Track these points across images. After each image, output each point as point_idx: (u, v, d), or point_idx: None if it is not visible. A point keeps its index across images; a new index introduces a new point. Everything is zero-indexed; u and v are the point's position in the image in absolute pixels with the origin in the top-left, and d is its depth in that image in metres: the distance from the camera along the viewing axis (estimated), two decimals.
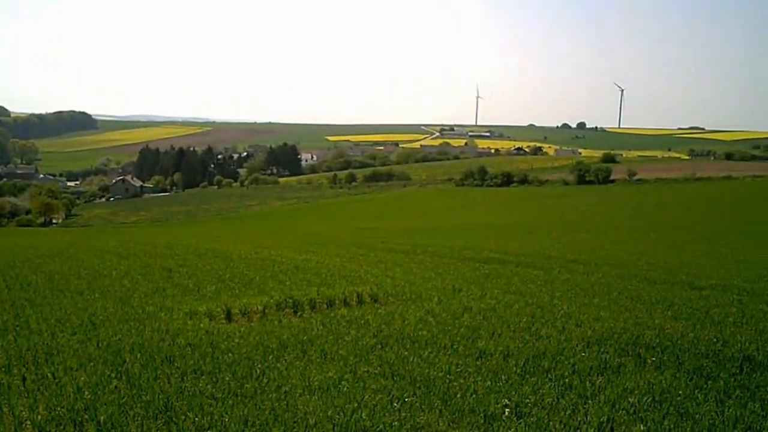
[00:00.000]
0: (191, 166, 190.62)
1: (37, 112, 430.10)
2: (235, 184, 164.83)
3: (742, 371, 6.49)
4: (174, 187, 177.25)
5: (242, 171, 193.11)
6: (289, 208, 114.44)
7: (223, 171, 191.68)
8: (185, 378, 6.54)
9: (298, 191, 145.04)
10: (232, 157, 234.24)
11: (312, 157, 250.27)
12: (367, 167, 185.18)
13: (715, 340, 7.69)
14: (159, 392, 6.08)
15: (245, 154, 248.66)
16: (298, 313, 9.90)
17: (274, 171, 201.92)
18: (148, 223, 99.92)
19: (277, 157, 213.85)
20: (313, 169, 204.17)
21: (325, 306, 10.39)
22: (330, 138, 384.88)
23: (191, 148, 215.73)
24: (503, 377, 6.40)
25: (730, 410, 5.38)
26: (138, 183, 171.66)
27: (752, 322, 8.88)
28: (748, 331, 8.25)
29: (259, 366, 6.89)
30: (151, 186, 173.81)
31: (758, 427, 5.07)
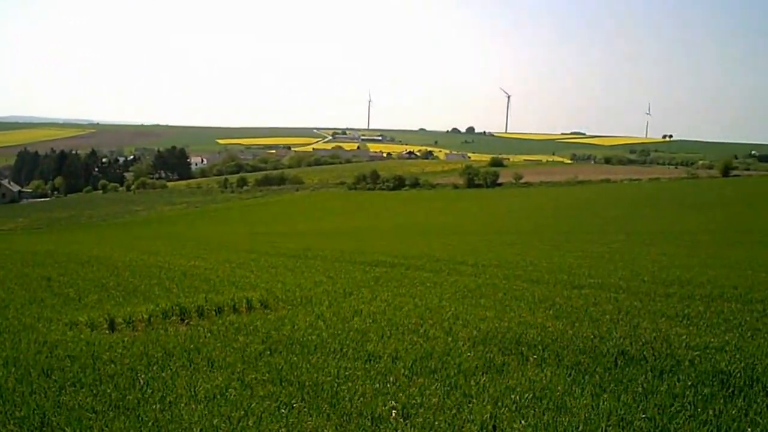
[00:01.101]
0: (74, 169, 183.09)
1: None
2: (121, 189, 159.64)
3: (616, 365, 6.81)
4: (55, 192, 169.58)
5: (129, 175, 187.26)
6: (178, 213, 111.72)
7: (108, 175, 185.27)
8: (63, 391, 6.27)
9: (188, 196, 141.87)
10: (118, 160, 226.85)
11: (202, 161, 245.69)
12: (259, 171, 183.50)
13: (592, 336, 8.04)
14: (35, 407, 5.80)
15: (131, 157, 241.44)
16: (185, 321, 9.67)
17: (163, 175, 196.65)
18: (27, 230, 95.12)
19: (166, 161, 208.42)
20: (203, 173, 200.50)
21: (213, 313, 10.18)
22: (220, 141, 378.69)
23: (73, 151, 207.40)
24: (391, 379, 6.47)
25: (605, 403, 5.64)
26: (16, 187, 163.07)
27: (627, 318, 9.33)
28: (623, 327, 8.66)
29: (143, 376, 6.68)
30: (30, 191, 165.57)
31: (630, 418, 5.33)
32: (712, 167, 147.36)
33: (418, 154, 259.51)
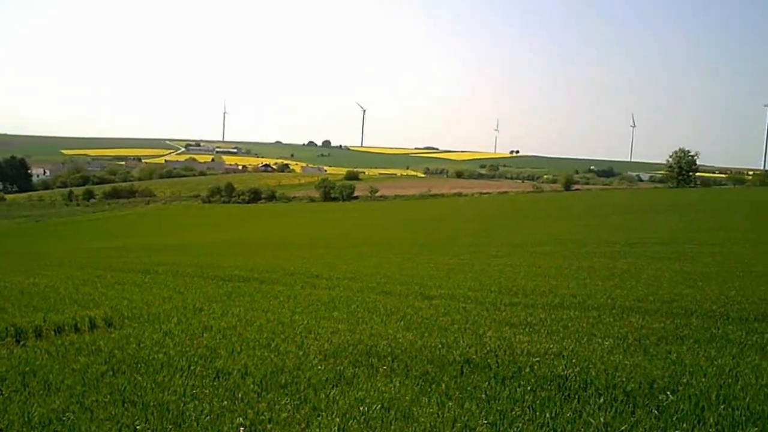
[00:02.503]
0: None
1: None
2: None
3: (462, 373, 7.01)
4: None
5: None
6: (17, 227, 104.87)
7: None
8: None
9: (29, 209, 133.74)
10: None
11: (45, 172, 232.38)
12: (108, 183, 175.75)
13: (440, 345, 8.24)
14: None
15: None
16: (21, 342, 9.09)
17: (0, 187, 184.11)
18: None
19: (4, 172, 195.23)
20: (46, 185, 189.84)
21: (52, 333, 9.65)
22: (65, 151, 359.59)
23: None
24: (240, 396, 6.36)
25: (450, 411, 5.80)
26: None
27: (474, 327, 9.64)
28: (470, 335, 8.94)
29: None
30: None
31: (473, 425, 5.50)
32: (555, 181, 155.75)
33: (274, 167, 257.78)
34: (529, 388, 6.43)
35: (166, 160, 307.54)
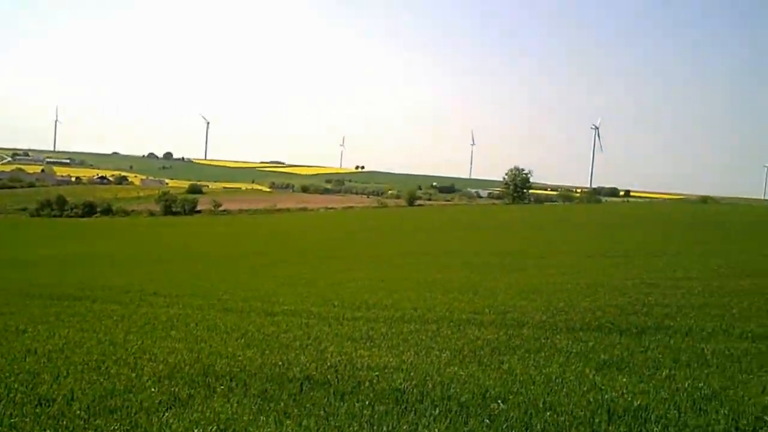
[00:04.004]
0: None
1: None
2: None
3: (302, 390, 6.95)
4: None
5: None
6: None
7: None
8: None
9: None
10: None
11: None
12: None
13: (280, 363, 8.14)
14: None
15: None
16: None
17: None
18: None
19: None
20: None
21: None
22: None
23: None
24: (65, 423, 5.98)
25: (288, 429, 5.73)
26: None
27: (315, 343, 9.61)
28: (311, 352, 8.90)
29: None
30: None
31: None
32: (399, 197, 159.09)
33: (111, 179, 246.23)
34: (367, 402, 6.46)
35: None
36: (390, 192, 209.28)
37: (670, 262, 22.99)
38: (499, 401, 6.41)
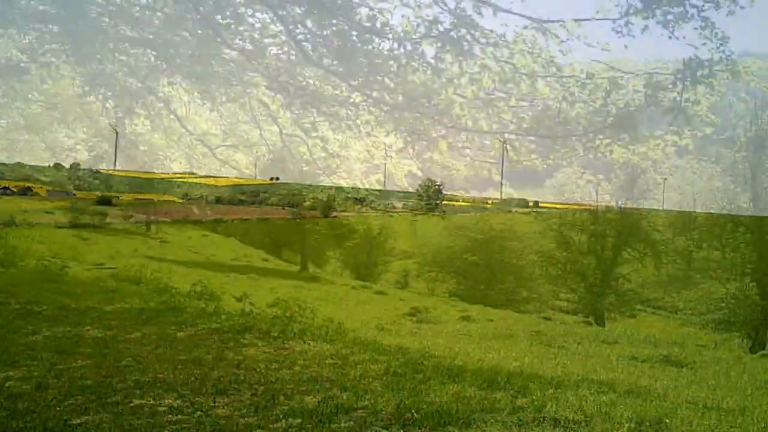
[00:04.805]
0: None
1: None
2: None
3: None
4: None
5: None
6: None
7: None
8: None
9: None
10: None
11: None
12: None
13: None
14: None
15: None
16: None
17: None
18: None
19: None
20: None
21: None
22: None
23: None
24: None
25: None
26: None
27: None
28: None
29: None
30: None
31: None
32: (314, 208, 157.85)
33: (14, 189, 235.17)
34: None
35: None
36: (306, 203, 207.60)
37: None
38: None
